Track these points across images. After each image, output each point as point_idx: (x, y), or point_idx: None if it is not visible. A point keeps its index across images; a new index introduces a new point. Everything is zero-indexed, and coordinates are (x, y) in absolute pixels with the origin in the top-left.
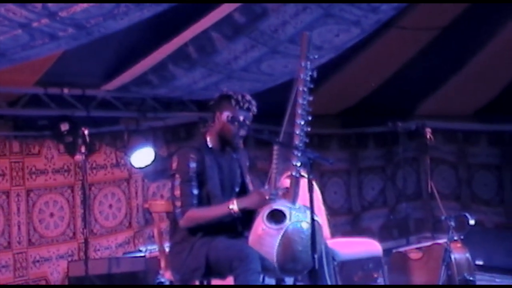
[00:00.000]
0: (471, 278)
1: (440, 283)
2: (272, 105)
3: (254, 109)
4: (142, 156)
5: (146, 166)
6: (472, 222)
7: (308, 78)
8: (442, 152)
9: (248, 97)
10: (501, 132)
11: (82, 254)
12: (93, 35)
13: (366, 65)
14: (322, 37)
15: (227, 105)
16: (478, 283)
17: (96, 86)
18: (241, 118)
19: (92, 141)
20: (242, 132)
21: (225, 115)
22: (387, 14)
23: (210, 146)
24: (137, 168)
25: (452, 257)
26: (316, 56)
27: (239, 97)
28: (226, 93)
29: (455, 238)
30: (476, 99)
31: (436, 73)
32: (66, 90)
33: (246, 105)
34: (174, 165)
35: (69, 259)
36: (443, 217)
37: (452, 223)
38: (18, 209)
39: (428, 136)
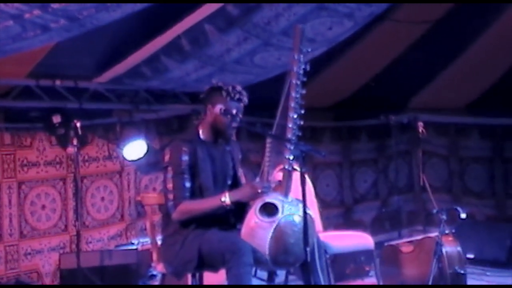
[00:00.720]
0: (462, 271)
1: (431, 276)
2: (265, 97)
3: (245, 99)
4: (135, 148)
5: (139, 158)
6: (463, 215)
7: (301, 71)
8: (434, 145)
9: (238, 88)
10: (493, 126)
11: (74, 246)
12: (86, 26)
13: (359, 58)
14: (315, 29)
15: (218, 97)
16: (469, 276)
17: (88, 78)
18: (234, 110)
19: (84, 133)
20: (234, 124)
21: (218, 107)
22: (380, 7)
23: (202, 138)
24: (129, 160)
25: (444, 250)
26: (310, 49)
27: (230, 89)
28: (217, 85)
29: (447, 231)
30: (468, 92)
31: (429, 67)
32: (58, 82)
33: (237, 96)
34: (167, 158)
35: (61, 251)
36: (434, 211)
37: (444, 217)
38: (10, 201)
39: (420, 130)
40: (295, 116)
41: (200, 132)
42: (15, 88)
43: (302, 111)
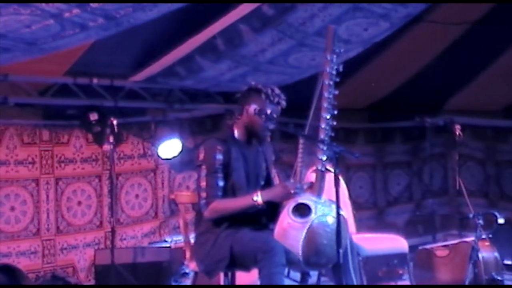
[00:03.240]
0: (499, 278)
1: (467, 282)
2: (299, 98)
3: (283, 103)
4: (169, 147)
5: (173, 157)
6: (501, 220)
7: (334, 72)
8: (471, 149)
9: (277, 90)
10: None
11: (108, 242)
12: (123, 26)
13: (395, 59)
14: (350, 30)
15: (256, 98)
16: (506, 283)
17: (124, 77)
18: (269, 111)
19: (119, 131)
20: (270, 126)
21: (253, 108)
22: (416, 8)
23: (236, 138)
24: (164, 159)
25: (480, 255)
26: (342, 50)
27: (269, 91)
28: (256, 86)
29: (483, 236)
30: (506, 95)
31: (466, 68)
32: (95, 80)
33: (276, 99)
34: (201, 156)
35: (96, 247)
36: (471, 215)
37: (480, 221)
38: (47, 196)
39: (457, 133)
40: (328, 116)
41: (235, 132)
42: (53, 86)
43: (335, 112)
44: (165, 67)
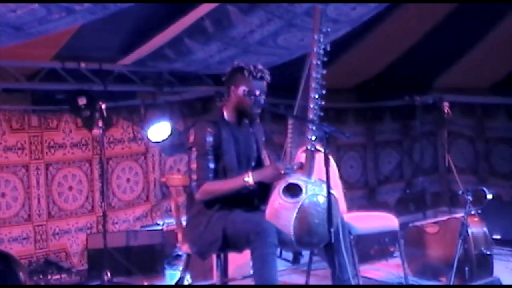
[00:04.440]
0: (488, 252)
1: (457, 257)
2: (288, 79)
3: (267, 77)
4: (159, 130)
5: (163, 140)
6: (490, 196)
7: (321, 52)
8: (460, 126)
9: (260, 66)
10: None
11: (100, 227)
12: (110, 9)
13: (383, 38)
14: (339, 10)
15: (240, 77)
16: (495, 257)
17: (113, 61)
18: (257, 91)
19: (109, 115)
20: (259, 104)
21: (241, 89)
22: None
23: (227, 120)
24: (154, 142)
25: (469, 231)
26: (329, 29)
27: (251, 67)
28: (238, 65)
29: (472, 212)
30: (495, 72)
31: (454, 46)
32: (83, 65)
33: (259, 74)
34: (191, 138)
35: (88, 231)
36: (460, 191)
37: (470, 197)
38: (38, 182)
39: (445, 110)
40: (317, 96)
41: (225, 113)
42: (41, 71)
43: (323, 92)
44: (153, 50)
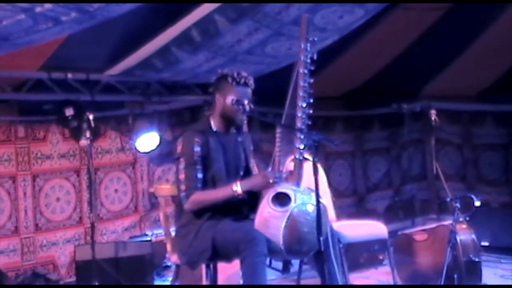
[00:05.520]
0: (476, 259)
1: (446, 265)
2: (277, 87)
3: (251, 83)
4: (147, 140)
5: (151, 150)
6: (477, 203)
7: (309, 60)
8: (448, 133)
9: (244, 73)
10: (507, 113)
11: (88, 238)
12: (97, 19)
13: (371, 46)
14: (326, 18)
15: (224, 84)
16: (483, 264)
17: (100, 71)
18: (245, 100)
19: (97, 125)
20: (246, 111)
21: (229, 98)
22: None
23: (214, 129)
24: (142, 152)
25: (458, 238)
26: (316, 38)
27: (235, 74)
28: (221, 73)
29: (461, 219)
30: (481, 79)
31: (441, 54)
32: (70, 75)
33: (242, 80)
34: (179, 148)
35: (76, 243)
36: (448, 199)
37: (458, 204)
38: (25, 194)
39: (433, 118)
40: (304, 105)
41: (212, 122)
42: (28, 81)
43: (311, 100)
44: (141, 59)
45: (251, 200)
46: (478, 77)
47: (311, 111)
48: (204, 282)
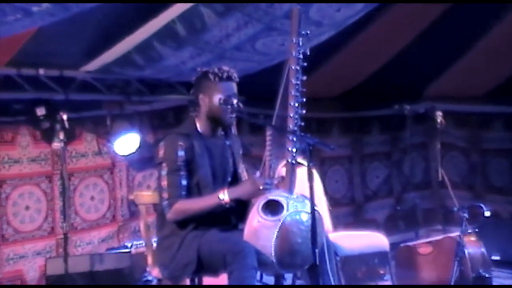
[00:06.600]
0: (486, 275)
1: (452, 280)
2: (268, 87)
3: (235, 76)
4: (127, 143)
5: (131, 153)
6: (487, 213)
7: (301, 56)
8: (453, 137)
9: (225, 67)
10: None
11: (61, 250)
12: (71, 10)
13: (370, 43)
14: (322, 12)
15: (207, 83)
16: (494, 280)
17: (75, 67)
18: (233, 97)
19: (71, 127)
20: (235, 110)
21: (216, 98)
22: None
23: (200, 131)
24: (121, 156)
25: (466, 251)
26: (309, 32)
27: (216, 70)
28: (201, 71)
29: (469, 230)
30: (489, 78)
31: (446, 51)
32: (41, 71)
33: (226, 75)
34: (161, 153)
35: (47, 256)
36: (455, 208)
37: (466, 215)
38: None
39: (438, 120)
40: (297, 105)
41: (197, 124)
42: None
43: (304, 100)
44: (120, 55)
45: (240, 208)
46: (487, 76)
47: (304, 112)
48: None
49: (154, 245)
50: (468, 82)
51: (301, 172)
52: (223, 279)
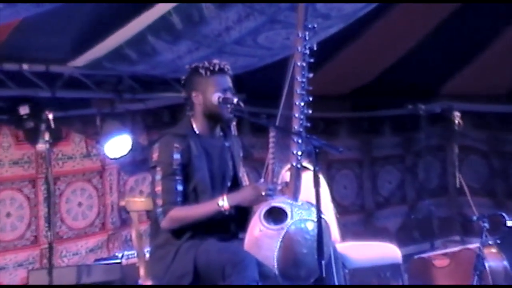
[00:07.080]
0: None
1: None
2: (271, 84)
3: (228, 67)
4: (118, 144)
5: (123, 156)
6: (510, 223)
7: (307, 51)
8: (472, 139)
9: (215, 60)
10: None
11: (45, 261)
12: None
13: (382, 37)
14: (330, 3)
15: (198, 79)
16: None
17: (62, 62)
18: (228, 91)
19: (57, 126)
20: (230, 106)
21: (210, 93)
22: None
23: (197, 132)
24: (112, 158)
25: (486, 264)
26: (316, 25)
27: (206, 64)
28: (190, 68)
29: (489, 242)
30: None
31: (464, 47)
32: (25, 66)
33: (217, 67)
34: (155, 156)
35: (30, 267)
36: (474, 217)
37: (486, 224)
38: None
39: (456, 121)
40: (302, 104)
41: (194, 125)
42: None
43: (310, 99)
44: (111, 49)
45: (240, 216)
46: (508, 73)
47: (310, 112)
48: None
49: (147, 255)
50: (488, 80)
51: (307, 177)
52: None
